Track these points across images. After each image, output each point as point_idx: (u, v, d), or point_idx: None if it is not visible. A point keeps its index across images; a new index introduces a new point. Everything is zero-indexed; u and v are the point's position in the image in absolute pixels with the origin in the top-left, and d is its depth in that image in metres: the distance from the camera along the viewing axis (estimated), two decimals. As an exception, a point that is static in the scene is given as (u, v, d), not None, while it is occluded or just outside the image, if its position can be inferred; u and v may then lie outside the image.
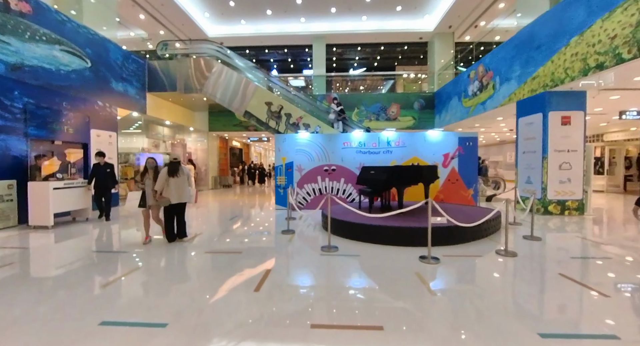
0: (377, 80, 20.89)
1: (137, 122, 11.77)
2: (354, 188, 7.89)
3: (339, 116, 10.39)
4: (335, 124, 10.35)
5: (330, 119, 10.44)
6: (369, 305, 2.59)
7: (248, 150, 21.88)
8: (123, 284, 3.09)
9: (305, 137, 7.95)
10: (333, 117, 10.42)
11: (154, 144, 14.28)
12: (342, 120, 10.49)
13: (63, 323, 2.28)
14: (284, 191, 7.97)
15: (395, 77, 19.51)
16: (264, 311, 2.47)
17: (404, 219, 4.75)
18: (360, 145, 7.90)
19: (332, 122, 10.38)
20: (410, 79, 19.66)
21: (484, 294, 2.80)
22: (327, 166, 7.91)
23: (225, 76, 10.04)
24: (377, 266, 3.59)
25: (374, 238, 4.54)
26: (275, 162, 8.07)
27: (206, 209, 8.37)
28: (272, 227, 6.02)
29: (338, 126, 10.35)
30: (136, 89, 9.61)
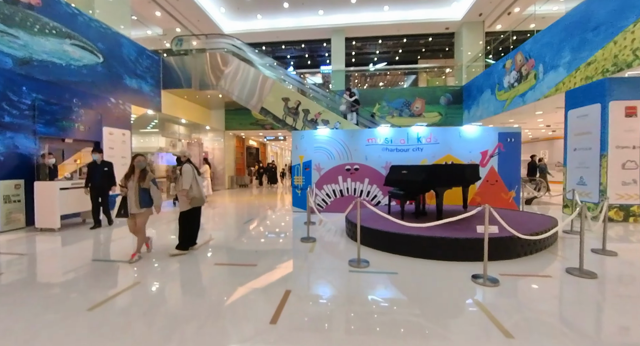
0: (398, 75, 19.94)
1: (153, 121, 11.55)
2: (380, 190, 7.17)
3: (352, 106, 9.74)
4: (349, 116, 9.74)
5: (342, 110, 9.85)
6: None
7: (264, 149, 21.53)
8: (112, 308, 2.57)
9: (324, 134, 7.31)
10: (344, 108, 9.82)
11: (171, 144, 14.12)
12: (356, 111, 9.83)
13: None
14: (302, 192, 7.36)
15: (417, 71, 18.51)
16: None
17: (444, 228, 4.00)
18: (387, 142, 7.16)
19: (345, 113, 9.78)
20: (434, 73, 18.63)
21: (586, 340, 2.05)
22: (349, 165, 7.23)
23: (242, 71, 9.57)
24: (420, 289, 2.89)
25: (410, 250, 3.83)
26: (292, 161, 7.48)
27: (221, 211, 7.91)
28: (289, 233, 5.42)
29: (352, 118, 9.72)
30: (150, 86, 9.32)
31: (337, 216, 6.56)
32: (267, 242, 4.71)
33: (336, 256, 3.95)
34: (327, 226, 5.79)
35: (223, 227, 5.90)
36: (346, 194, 7.26)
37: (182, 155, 4.29)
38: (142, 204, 3.72)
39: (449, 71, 17.22)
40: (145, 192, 3.76)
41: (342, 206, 7.22)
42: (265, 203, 9.57)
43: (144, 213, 3.79)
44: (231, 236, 5.11)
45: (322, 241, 4.68)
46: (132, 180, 3.77)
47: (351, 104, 9.72)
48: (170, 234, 5.21)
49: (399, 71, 18.28)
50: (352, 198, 7.24)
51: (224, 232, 5.44)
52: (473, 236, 3.59)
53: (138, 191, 3.71)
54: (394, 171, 5.62)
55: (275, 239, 4.87)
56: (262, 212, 7.60)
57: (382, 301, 2.66)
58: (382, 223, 4.39)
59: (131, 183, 3.75)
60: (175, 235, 4.25)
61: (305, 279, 3.18)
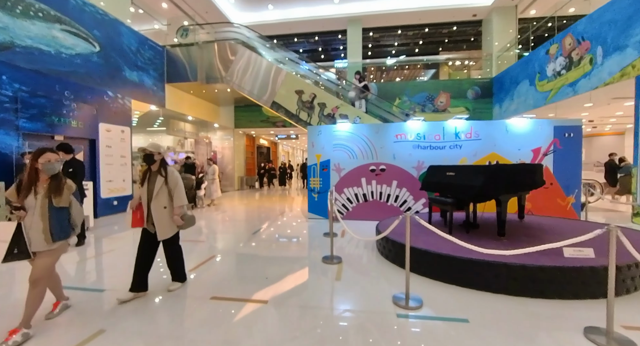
0: (417, 69, 18.74)
1: (159, 119, 10.86)
2: (411, 194, 6.14)
3: (361, 93, 8.77)
4: (357, 103, 8.83)
5: (351, 97, 8.97)
6: None
7: (276, 149, 20.73)
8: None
9: (345, 129, 6.34)
10: (354, 94, 8.92)
11: (179, 143, 13.47)
12: (365, 98, 8.89)
13: None
14: (319, 196, 6.42)
15: (439, 64, 17.28)
16: None
17: (514, 249, 2.96)
18: (419, 138, 6.12)
19: (353, 100, 8.90)
20: (456, 67, 17.36)
21: None
22: (374, 165, 6.23)
23: (251, 62, 8.71)
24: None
25: (478, 280, 2.82)
26: (308, 160, 6.54)
27: (227, 216, 7.05)
28: (307, 248, 4.47)
29: (360, 105, 8.83)
30: (153, 79, 8.58)
31: (360, 224, 5.61)
32: (280, 262, 3.77)
33: (373, 287, 2.98)
34: (352, 241, 4.81)
35: (228, 238, 5.01)
36: (370, 199, 6.27)
37: (156, 151, 2.85)
38: (55, 236, 2.19)
39: (472, 63, 16.00)
40: (60, 214, 2.25)
41: (366, 212, 6.23)
42: (276, 207, 8.67)
43: (56, 249, 2.23)
44: (236, 253, 4.21)
45: (350, 262, 3.71)
46: (34, 195, 2.19)
47: (360, 90, 8.82)
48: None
49: (419, 63, 17.08)
50: (377, 203, 6.24)
51: (229, 246, 4.55)
52: (579, 265, 2.55)
53: (48, 212, 2.18)
54: (434, 173, 4.59)
55: (291, 259, 3.93)
56: (274, 218, 6.69)
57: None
58: (432, 241, 3.39)
59: (32, 200, 2.18)
60: (163, 263, 3.06)
61: (335, 333, 2.21)
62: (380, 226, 4.42)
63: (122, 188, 7.46)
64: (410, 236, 2.71)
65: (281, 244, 4.56)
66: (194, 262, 3.68)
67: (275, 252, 4.17)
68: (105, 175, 6.98)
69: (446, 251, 3.06)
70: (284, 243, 4.66)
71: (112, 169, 7.18)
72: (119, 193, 7.31)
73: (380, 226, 4.46)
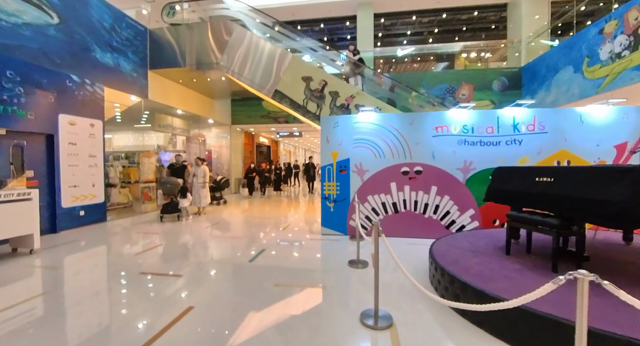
0: (429, 62, 17.35)
1: (145, 113, 9.47)
2: (456, 205, 4.75)
3: (356, 67, 7.61)
4: (352, 80, 7.66)
5: (346, 72, 7.80)
6: None
7: (277, 147, 19.35)
8: None
9: (369, 120, 4.95)
10: (349, 69, 7.76)
11: (170, 141, 12.09)
12: (361, 74, 7.75)
13: None
14: (336, 205, 5.03)
15: (453, 57, 15.89)
16: None
17: None
18: (466, 131, 4.74)
19: (348, 76, 7.75)
20: (471, 59, 16.00)
21: None
22: (408, 167, 4.84)
23: (250, 43, 7.33)
24: None
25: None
26: (322, 160, 5.15)
27: (216, 233, 5.67)
28: (330, 293, 3.07)
29: (356, 82, 7.65)
30: (133, 64, 7.20)
31: (390, 243, 4.20)
32: (292, 329, 2.37)
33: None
34: (390, 269, 3.42)
35: (214, 270, 3.61)
36: (402, 210, 4.88)
37: None
38: None
39: (489, 55, 14.70)
40: None
41: (396, 227, 4.85)
42: (280, 217, 7.28)
43: None
44: (226, 298, 2.82)
45: (408, 323, 2.31)
46: None
47: (355, 64, 7.65)
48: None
49: (433, 54, 15.67)
50: (411, 215, 4.85)
51: (212, 289, 3.15)
52: None
53: None
54: (508, 178, 3.21)
55: (308, 322, 2.52)
56: (277, 235, 5.30)
57: None
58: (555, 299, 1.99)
59: None
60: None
61: None
62: (438, 253, 3.03)
63: (92, 194, 6.07)
64: (477, 272, 1.32)
65: (289, 287, 3.17)
66: (161, 320, 2.29)
67: (282, 306, 2.76)
68: (68, 179, 5.59)
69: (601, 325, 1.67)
70: (293, 282, 3.26)
71: (78, 172, 5.80)
72: (86, 200, 5.93)
73: (438, 252, 3.08)
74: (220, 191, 9.13)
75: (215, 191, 8.98)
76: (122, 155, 10.57)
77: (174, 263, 3.72)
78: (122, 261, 3.80)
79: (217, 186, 9.03)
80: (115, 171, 8.50)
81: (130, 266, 3.59)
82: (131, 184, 8.93)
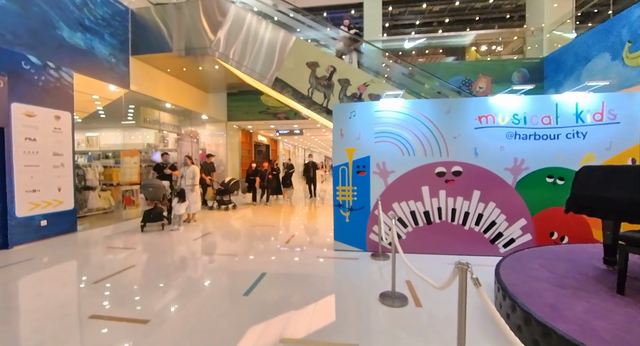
0: (437, 55, 16.42)
1: (131, 107, 8.46)
2: (504, 214, 3.79)
3: (352, 42, 6.73)
4: (346, 57, 6.72)
5: (338, 49, 6.81)
6: None
7: (276, 146, 18.36)
8: None
9: (395, 108, 3.99)
10: (341, 46, 6.77)
11: (162, 139, 11.10)
12: (357, 50, 6.85)
13: None
14: (352, 214, 4.06)
15: (464, 50, 14.97)
16: None
17: None
18: (516, 121, 3.78)
19: (342, 52, 6.78)
20: (483, 52, 15.09)
21: None
22: (444, 166, 3.88)
23: (248, 24, 6.35)
24: None
25: None
26: (334, 159, 4.17)
27: (206, 248, 4.69)
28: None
29: (351, 59, 6.72)
30: (110, 48, 6.20)
31: (423, 263, 3.26)
32: None
33: None
34: (440, 304, 2.46)
35: (195, 311, 2.64)
36: (437, 220, 3.92)
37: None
38: None
39: (500, 48, 13.84)
40: None
41: (429, 242, 3.89)
42: (282, 227, 6.32)
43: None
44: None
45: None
46: None
47: (351, 40, 6.73)
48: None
49: (442, 47, 14.71)
50: (448, 227, 3.89)
51: (191, 339, 2.18)
52: None
53: None
54: (608, 181, 2.26)
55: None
56: (280, 252, 4.32)
57: None
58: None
59: None
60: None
61: None
62: (516, 289, 2.07)
63: (57, 200, 5.08)
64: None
65: (300, 338, 2.19)
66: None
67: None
68: (24, 182, 4.59)
69: None
70: (309, 337, 2.28)
71: (38, 174, 4.80)
72: (49, 208, 4.93)
73: (512, 284, 2.11)
74: (228, 194, 8.03)
75: (223, 195, 7.93)
76: (108, 154, 9.60)
77: (141, 298, 2.73)
78: (73, 295, 2.81)
79: (225, 189, 7.94)
80: (95, 172, 7.50)
81: (81, 304, 2.61)
82: (114, 187, 7.94)
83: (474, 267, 1.40)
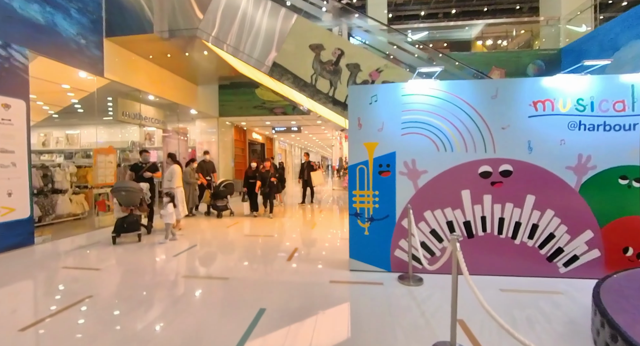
0: (442, 49, 15.71)
1: (108, 99, 7.49)
2: (563, 223, 3.01)
3: (342, 13, 6.01)
4: (336, 29, 5.88)
5: (326, 21, 5.97)
6: None
7: (272, 145, 17.47)
8: None
9: (428, 92, 3.16)
10: (330, 16, 5.99)
11: (147, 137, 10.14)
12: (348, 22, 6.00)
13: None
14: (373, 225, 3.23)
15: (470, 43, 14.29)
16: None
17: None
18: (581, 108, 3.00)
19: (330, 26, 5.91)
20: (488, 47, 14.46)
21: None
22: (489, 165, 3.08)
23: (242, 1, 5.46)
24: None
25: None
26: (350, 155, 3.33)
27: (189, 268, 3.82)
28: None
29: (340, 31, 5.86)
30: (79, 27, 5.27)
31: (461, 286, 2.42)
32: None
33: None
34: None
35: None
36: (480, 233, 3.12)
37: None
38: None
39: (504, 43, 13.29)
40: None
41: (471, 259, 3.07)
42: (282, 237, 5.48)
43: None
44: None
45: None
46: None
47: (341, 10, 6.11)
48: None
49: (449, 37, 13.98)
50: (494, 240, 3.09)
51: None
52: None
53: None
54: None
55: None
56: (281, 274, 3.48)
57: None
58: None
59: None
60: None
61: None
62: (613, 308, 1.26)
63: (6, 207, 4.15)
64: None
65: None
66: None
67: None
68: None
69: None
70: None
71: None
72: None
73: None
74: (221, 198, 6.79)
75: (215, 199, 6.78)
76: (90, 153, 8.62)
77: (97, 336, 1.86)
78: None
79: (216, 193, 6.78)
80: (65, 174, 6.55)
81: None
82: (88, 190, 6.99)
83: (529, 294, 0.59)
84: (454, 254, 1.78)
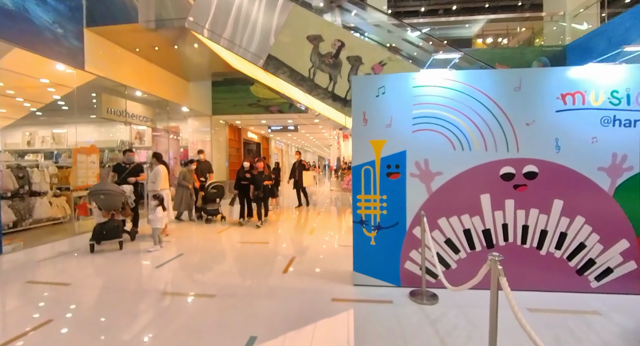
0: (441, 47, 15.42)
1: (92, 95, 7.03)
2: (594, 232, 2.66)
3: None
4: (329, 15, 5.56)
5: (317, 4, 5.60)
6: None
7: (267, 145, 17.04)
8: None
9: (442, 83, 2.79)
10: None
11: (137, 136, 9.67)
12: (340, 6, 5.68)
13: None
14: (380, 234, 2.86)
15: (471, 42, 14.01)
16: None
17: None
18: (616, 101, 2.65)
19: (322, 11, 5.57)
20: (488, 45, 14.21)
21: None
22: (512, 166, 2.72)
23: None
24: None
25: None
26: (354, 155, 2.95)
27: (172, 287, 3.42)
28: None
29: (334, 17, 5.59)
30: (56, 14, 4.83)
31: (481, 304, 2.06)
32: None
33: None
34: None
35: None
36: (501, 242, 2.76)
37: None
38: None
39: (504, 41, 13.11)
40: None
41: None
42: (275, 246, 5.09)
43: None
44: None
45: None
46: None
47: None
48: None
49: (449, 34, 13.69)
50: (517, 250, 2.73)
51: None
52: None
53: None
54: None
55: None
56: (275, 291, 3.09)
57: None
58: None
59: None
60: None
61: None
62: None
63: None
64: None
65: None
66: None
67: None
68: None
69: None
70: None
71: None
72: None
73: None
74: (211, 202, 6.31)
75: (205, 203, 6.30)
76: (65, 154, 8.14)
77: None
78: None
79: (205, 197, 6.30)
80: (44, 175, 6.09)
81: None
82: (70, 192, 6.54)
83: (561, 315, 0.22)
84: (494, 275, 1.42)
